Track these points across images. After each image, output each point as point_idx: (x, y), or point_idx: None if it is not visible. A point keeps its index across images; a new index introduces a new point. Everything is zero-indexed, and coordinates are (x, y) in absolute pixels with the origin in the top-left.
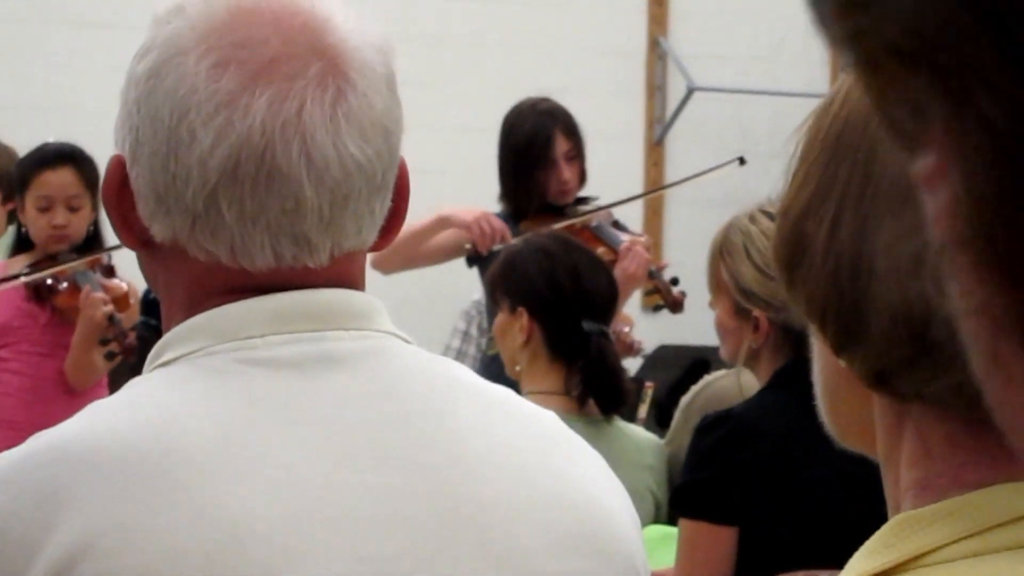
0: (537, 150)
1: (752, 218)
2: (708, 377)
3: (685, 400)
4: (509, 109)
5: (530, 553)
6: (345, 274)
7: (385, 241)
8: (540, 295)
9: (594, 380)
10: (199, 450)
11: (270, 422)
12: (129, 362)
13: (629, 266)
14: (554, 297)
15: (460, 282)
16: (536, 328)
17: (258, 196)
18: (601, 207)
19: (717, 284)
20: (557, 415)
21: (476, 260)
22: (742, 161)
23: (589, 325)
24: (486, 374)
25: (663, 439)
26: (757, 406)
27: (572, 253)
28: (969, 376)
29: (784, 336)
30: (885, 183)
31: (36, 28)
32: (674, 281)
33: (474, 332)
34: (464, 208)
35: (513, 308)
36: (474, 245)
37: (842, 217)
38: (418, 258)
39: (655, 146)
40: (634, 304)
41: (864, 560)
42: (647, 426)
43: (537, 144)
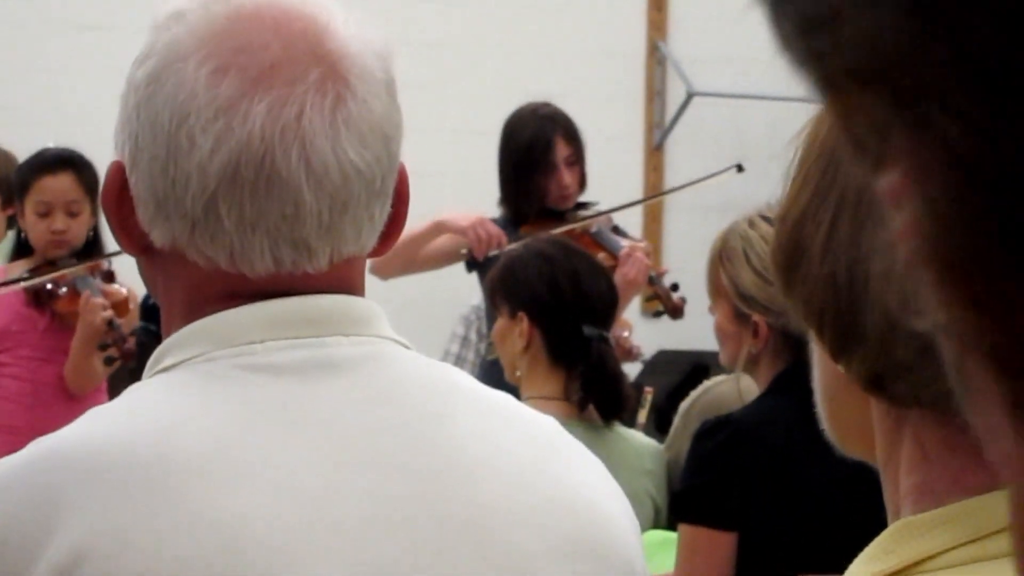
0: (538, 155)
1: (751, 223)
2: (707, 382)
3: (684, 405)
4: (510, 113)
5: (529, 558)
6: (345, 279)
7: (385, 247)
8: (541, 300)
9: (595, 385)
10: (199, 455)
11: (270, 427)
12: (128, 367)
13: (629, 272)
14: (555, 302)
15: (459, 287)
16: (536, 333)
17: (257, 202)
18: (601, 212)
19: (716, 289)
20: (557, 420)
21: (475, 265)
22: (740, 168)
23: (590, 330)
24: (485, 379)
25: (662, 444)
26: (756, 411)
27: (573, 258)
28: None
29: (783, 341)
30: None
31: (36, 32)
32: (674, 287)
33: (473, 337)
34: (460, 213)
35: (513, 313)
36: (470, 250)
37: (839, 222)
38: (416, 263)
39: (654, 151)
40: (633, 309)
41: (864, 565)
42: (646, 431)
43: (538, 149)
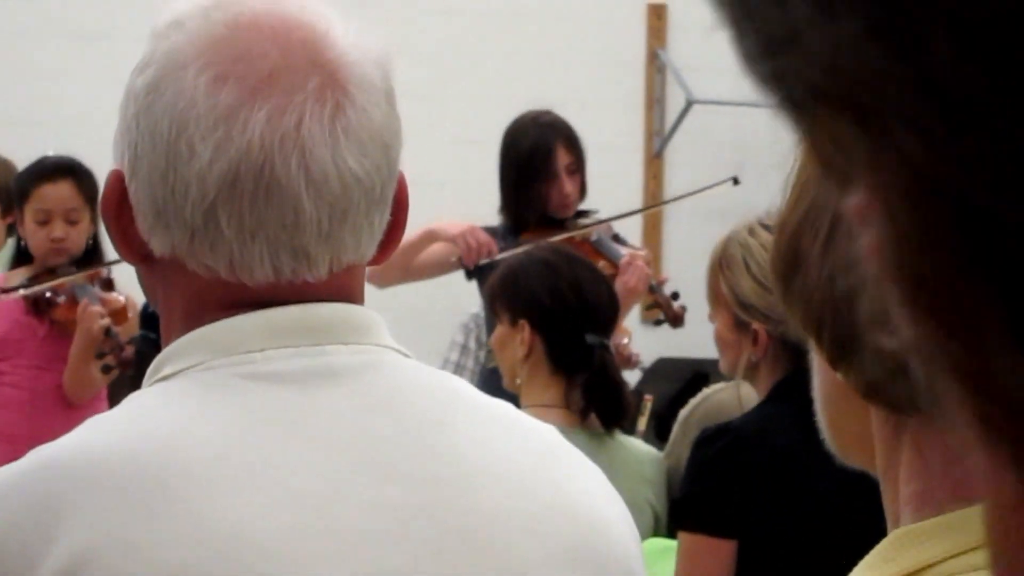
0: (539, 163)
1: (751, 231)
2: (707, 390)
3: (684, 413)
4: (510, 122)
5: (529, 565)
6: (344, 288)
7: (384, 255)
8: (544, 308)
9: (596, 393)
10: (198, 463)
11: (269, 436)
12: (126, 375)
13: (630, 280)
14: (558, 310)
15: (459, 296)
16: (538, 341)
17: (257, 210)
18: (601, 220)
19: (716, 297)
20: (557, 428)
21: (475, 273)
22: (736, 181)
23: (592, 338)
24: (485, 387)
25: (662, 452)
26: (756, 419)
27: (574, 266)
28: None
29: (783, 349)
30: None
31: (35, 40)
32: (674, 295)
33: (472, 345)
34: (451, 222)
35: (514, 320)
36: (460, 259)
37: (837, 230)
38: (410, 272)
39: (654, 158)
40: (633, 317)
41: (864, 573)
42: (646, 439)
43: (539, 157)
